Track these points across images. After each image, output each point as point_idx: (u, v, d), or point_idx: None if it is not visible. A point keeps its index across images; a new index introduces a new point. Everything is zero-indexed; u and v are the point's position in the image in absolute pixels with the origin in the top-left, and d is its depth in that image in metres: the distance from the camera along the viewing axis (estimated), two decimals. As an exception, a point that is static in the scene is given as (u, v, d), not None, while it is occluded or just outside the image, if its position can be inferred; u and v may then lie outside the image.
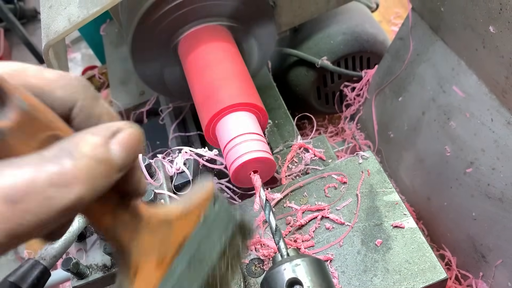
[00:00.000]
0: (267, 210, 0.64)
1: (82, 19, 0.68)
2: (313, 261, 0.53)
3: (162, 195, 0.60)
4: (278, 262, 0.55)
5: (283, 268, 0.53)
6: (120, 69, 1.26)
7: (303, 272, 0.52)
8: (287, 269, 0.52)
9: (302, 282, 0.51)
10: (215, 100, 0.73)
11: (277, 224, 0.62)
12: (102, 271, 0.56)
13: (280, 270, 0.53)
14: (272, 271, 0.53)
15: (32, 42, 2.82)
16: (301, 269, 0.52)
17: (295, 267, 0.52)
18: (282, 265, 0.53)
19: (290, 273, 0.52)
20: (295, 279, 0.52)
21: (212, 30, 0.84)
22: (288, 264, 0.53)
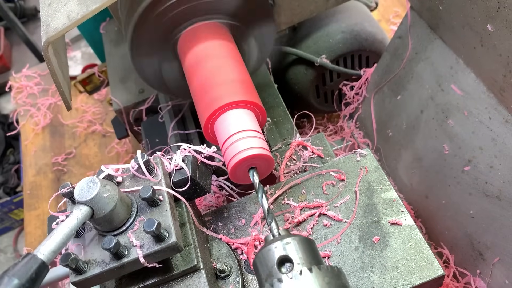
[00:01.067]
0: (259, 193, 0.66)
1: (81, 16, 0.68)
2: (303, 240, 0.55)
3: (160, 192, 0.60)
4: (269, 241, 0.56)
5: (274, 246, 0.54)
6: (120, 67, 1.26)
7: (293, 250, 0.54)
8: (278, 247, 0.54)
9: (292, 259, 0.53)
10: (213, 98, 0.74)
11: (269, 206, 0.64)
12: (100, 267, 0.56)
13: (271, 248, 0.54)
14: (263, 249, 0.55)
15: (33, 40, 2.82)
16: (292, 247, 0.54)
17: (286, 245, 0.54)
18: (273, 243, 0.55)
19: (280, 251, 0.54)
20: (285, 257, 0.53)
21: (211, 28, 0.84)
22: (279, 243, 0.54)
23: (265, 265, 0.54)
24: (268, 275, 0.53)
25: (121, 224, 0.58)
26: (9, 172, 2.61)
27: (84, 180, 0.55)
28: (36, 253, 0.48)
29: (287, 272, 0.51)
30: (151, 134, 1.13)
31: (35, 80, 1.84)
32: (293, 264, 0.53)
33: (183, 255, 0.62)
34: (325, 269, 0.51)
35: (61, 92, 0.79)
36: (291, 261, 0.53)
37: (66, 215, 0.58)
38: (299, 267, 0.52)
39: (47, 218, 0.66)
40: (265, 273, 0.54)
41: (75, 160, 1.63)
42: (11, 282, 0.45)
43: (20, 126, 1.76)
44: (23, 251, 1.48)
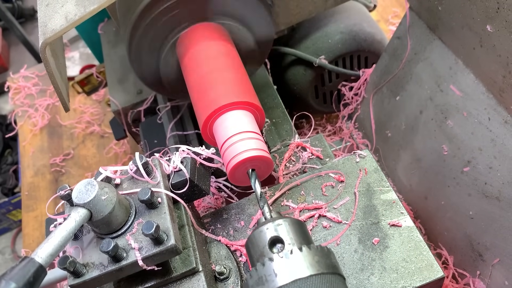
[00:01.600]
0: (252, 179, 0.67)
1: (79, 17, 0.68)
2: (294, 222, 0.57)
3: (159, 194, 0.60)
4: (261, 223, 0.58)
5: (265, 227, 0.56)
6: (118, 68, 1.26)
7: (284, 231, 0.56)
8: (270, 229, 0.56)
9: (283, 240, 0.55)
10: (212, 99, 0.73)
11: (261, 191, 0.66)
12: (98, 270, 0.56)
13: (263, 230, 0.56)
14: (255, 231, 0.57)
15: (30, 41, 2.82)
16: (283, 228, 0.56)
17: (277, 226, 0.56)
18: (265, 225, 0.56)
19: (272, 232, 0.55)
20: (277, 237, 0.55)
21: (209, 29, 0.84)
22: (271, 224, 0.56)
23: (257, 245, 0.56)
24: (260, 255, 0.55)
25: (120, 226, 0.58)
26: (7, 173, 2.60)
27: (82, 183, 0.54)
28: (33, 256, 0.48)
29: (278, 252, 0.53)
30: (149, 135, 1.13)
31: (33, 80, 1.84)
32: (284, 245, 0.54)
33: (182, 257, 0.62)
34: (315, 248, 0.53)
35: (59, 94, 0.79)
36: (282, 242, 0.55)
37: (64, 217, 0.58)
38: (290, 247, 0.53)
39: (45, 220, 0.66)
40: (257, 254, 0.55)
41: (73, 161, 1.63)
42: (9, 286, 0.45)
43: (18, 127, 1.75)
44: (21, 252, 1.48)
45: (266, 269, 0.51)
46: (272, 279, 0.50)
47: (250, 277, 0.53)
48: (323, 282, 0.50)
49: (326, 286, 0.50)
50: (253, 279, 0.52)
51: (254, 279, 0.52)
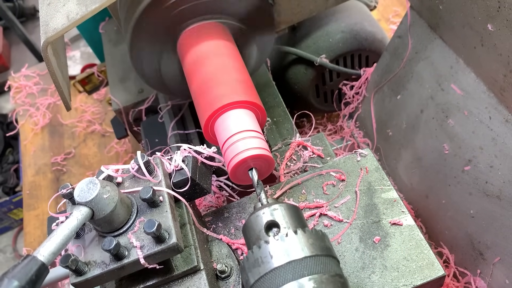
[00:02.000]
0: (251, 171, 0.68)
1: (80, 16, 0.68)
2: (290, 207, 0.59)
3: (160, 192, 0.60)
4: (258, 208, 0.60)
5: (262, 212, 0.58)
6: (119, 67, 1.26)
7: (280, 215, 0.57)
8: (266, 213, 0.58)
9: (279, 224, 0.56)
10: (213, 98, 0.73)
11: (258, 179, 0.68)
12: (100, 268, 0.56)
13: (259, 214, 0.58)
14: (252, 216, 0.58)
15: (31, 40, 2.82)
16: (279, 213, 0.58)
17: (273, 211, 0.58)
18: (261, 210, 0.58)
19: (268, 216, 0.57)
20: (273, 222, 0.57)
21: (211, 28, 0.84)
22: (267, 209, 0.58)
23: (254, 229, 0.57)
24: (256, 239, 0.56)
25: (121, 225, 0.58)
26: (8, 172, 2.60)
27: (84, 181, 0.54)
28: (36, 254, 0.48)
29: (274, 236, 0.54)
30: (150, 134, 1.13)
31: (34, 79, 1.84)
32: (279, 229, 0.56)
33: (184, 256, 0.62)
34: (310, 232, 0.54)
35: (61, 93, 0.79)
36: (278, 226, 0.56)
37: (66, 216, 0.58)
38: (285, 230, 0.55)
39: (46, 218, 0.66)
40: (253, 237, 0.57)
41: (75, 160, 1.63)
42: (11, 284, 0.45)
43: (19, 126, 1.75)
44: (23, 251, 1.48)
45: (262, 251, 0.53)
46: (268, 261, 0.52)
47: (246, 259, 0.55)
48: (317, 264, 0.51)
49: (320, 267, 0.51)
50: (249, 261, 0.54)
51: (251, 261, 0.54)
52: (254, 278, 0.53)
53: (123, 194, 0.59)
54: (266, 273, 0.52)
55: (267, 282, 0.51)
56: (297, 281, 0.50)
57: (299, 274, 0.50)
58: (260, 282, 0.52)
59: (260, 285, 0.52)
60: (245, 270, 0.54)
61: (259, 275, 0.52)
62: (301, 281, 0.50)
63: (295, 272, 0.51)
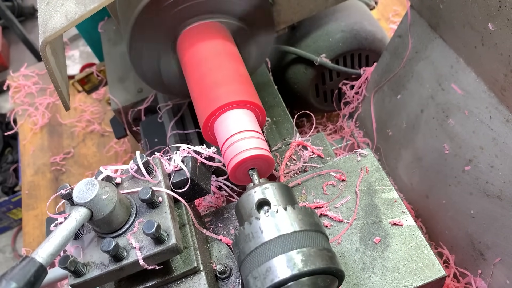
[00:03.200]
0: None
1: (79, 16, 0.68)
2: (281, 185, 0.61)
3: (160, 193, 0.60)
4: (250, 187, 0.62)
5: (253, 191, 0.60)
6: (118, 67, 1.26)
7: (271, 193, 0.60)
8: (257, 192, 0.60)
9: (270, 202, 0.59)
10: (213, 98, 0.73)
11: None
12: (99, 269, 0.56)
13: (251, 193, 0.60)
14: (244, 195, 0.60)
15: (30, 39, 2.81)
16: (270, 191, 0.60)
17: (264, 190, 0.60)
18: (253, 189, 0.60)
19: (259, 195, 0.59)
20: (264, 200, 0.59)
21: (210, 27, 0.83)
22: (258, 188, 0.60)
23: (245, 208, 0.60)
24: (248, 216, 0.58)
25: (120, 226, 0.57)
26: (7, 171, 2.60)
27: (82, 182, 0.54)
28: (34, 256, 0.48)
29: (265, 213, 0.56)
30: (150, 134, 1.13)
31: (33, 79, 1.83)
32: (270, 206, 0.58)
33: (183, 256, 0.62)
34: (299, 208, 0.56)
35: (59, 92, 0.79)
36: (269, 204, 0.59)
37: (64, 217, 0.57)
38: (276, 207, 0.57)
39: (45, 218, 0.65)
40: (245, 215, 0.59)
41: (74, 160, 1.63)
42: (9, 285, 0.45)
43: (18, 126, 1.75)
44: (22, 251, 1.48)
45: (253, 226, 0.55)
46: (259, 236, 0.54)
47: (238, 235, 0.56)
48: (305, 238, 0.53)
49: (309, 241, 0.53)
50: (241, 237, 0.56)
51: (242, 236, 0.56)
52: (245, 253, 0.55)
53: (122, 194, 0.59)
54: (256, 247, 0.54)
55: (257, 256, 0.53)
56: (286, 254, 0.52)
57: (288, 248, 0.52)
58: (251, 256, 0.54)
59: (251, 258, 0.54)
60: (237, 245, 0.56)
61: (250, 250, 0.54)
62: (290, 254, 0.52)
63: (284, 245, 0.53)
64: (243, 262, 0.55)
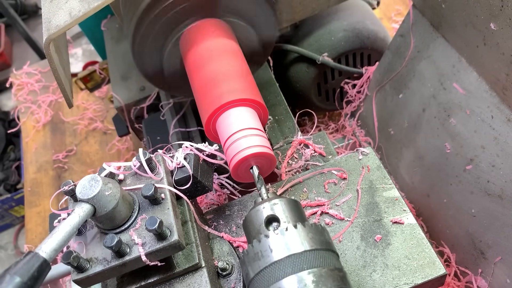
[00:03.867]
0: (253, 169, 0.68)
1: (83, 13, 0.68)
2: (290, 201, 0.59)
3: (162, 190, 0.60)
4: (258, 202, 0.60)
5: (262, 207, 0.58)
6: (121, 65, 1.26)
7: (280, 210, 0.58)
8: (266, 208, 0.58)
9: (279, 218, 0.57)
10: (215, 96, 0.73)
11: (259, 173, 0.67)
12: (102, 265, 0.56)
13: (259, 209, 0.58)
14: (252, 210, 0.59)
15: (33, 37, 2.82)
16: (279, 207, 0.58)
17: (273, 205, 0.58)
18: (261, 204, 0.58)
19: (268, 211, 0.57)
20: (273, 216, 0.57)
21: (213, 25, 0.84)
22: (267, 204, 0.58)
23: (254, 224, 0.58)
24: (256, 233, 0.57)
25: (123, 222, 0.58)
26: (9, 169, 2.60)
27: (86, 178, 0.54)
28: (38, 251, 0.48)
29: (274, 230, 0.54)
30: (152, 132, 1.13)
31: (36, 77, 1.84)
32: (279, 223, 0.56)
33: (185, 253, 0.62)
34: (309, 226, 0.54)
35: (63, 89, 0.79)
36: (278, 220, 0.57)
37: (67, 213, 0.58)
38: (285, 224, 0.55)
39: (48, 215, 0.66)
40: (253, 232, 0.57)
41: (76, 158, 1.63)
42: (13, 280, 0.45)
43: (21, 123, 1.76)
44: (24, 248, 1.48)
45: (262, 245, 0.53)
46: (268, 255, 0.52)
47: (246, 253, 0.55)
48: (316, 258, 0.52)
49: (320, 261, 0.52)
50: (249, 255, 0.54)
51: (251, 255, 0.54)
52: (254, 272, 0.53)
53: (125, 191, 0.59)
54: (265, 267, 0.52)
55: (266, 276, 0.52)
56: (297, 274, 0.50)
57: (299, 268, 0.51)
58: (260, 276, 0.52)
59: (260, 278, 0.52)
60: (245, 263, 0.55)
61: (259, 269, 0.53)
62: (300, 275, 0.50)
63: (294, 265, 0.51)
64: (251, 282, 0.54)
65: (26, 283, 0.45)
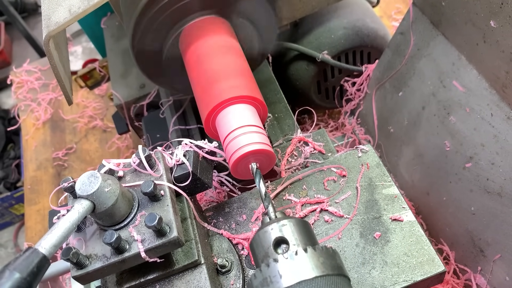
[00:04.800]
0: (257, 178, 0.66)
1: (83, 10, 0.68)
2: (299, 222, 0.56)
3: (162, 186, 0.60)
4: (266, 223, 0.57)
5: (270, 228, 0.55)
6: (121, 62, 1.26)
7: (289, 231, 0.55)
8: (274, 229, 0.55)
9: (288, 240, 0.54)
10: (215, 93, 0.73)
11: (266, 190, 0.64)
12: (101, 261, 0.56)
13: (267, 230, 0.55)
14: (260, 231, 0.56)
15: (33, 35, 2.82)
16: (288, 229, 0.55)
17: (282, 227, 0.55)
18: (269, 225, 0.56)
19: (277, 233, 0.55)
20: (281, 238, 0.54)
21: (213, 23, 0.84)
22: (275, 224, 0.55)
23: (262, 246, 0.55)
24: (264, 256, 0.54)
25: (122, 218, 0.58)
26: (9, 167, 2.61)
27: (85, 175, 0.54)
28: (37, 247, 0.48)
29: (283, 253, 0.52)
30: (152, 129, 1.13)
31: (35, 75, 1.84)
32: (289, 245, 0.54)
33: (184, 250, 0.62)
34: (320, 249, 0.52)
35: (62, 86, 0.79)
36: (287, 242, 0.54)
37: (67, 209, 0.58)
38: (295, 248, 0.53)
39: (48, 212, 0.66)
40: (261, 254, 0.55)
41: (76, 155, 1.63)
42: (12, 275, 0.45)
43: (21, 121, 1.76)
44: (24, 246, 1.49)
45: (271, 270, 0.51)
46: (277, 281, 0.50)
47: (254, 277, 0.53)
48: (328, 284, 0.50)
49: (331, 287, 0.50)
50: (258, 280, 0.52)
51: (259, 280, 0.52)
52: None
53: (125, 188, 0.59)
54: None
55: None
56: None
57: None
58: None
59: None
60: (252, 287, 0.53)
61: None
62: None
63: None
64: None
65: (25, 279, 0.45)
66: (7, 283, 0.44)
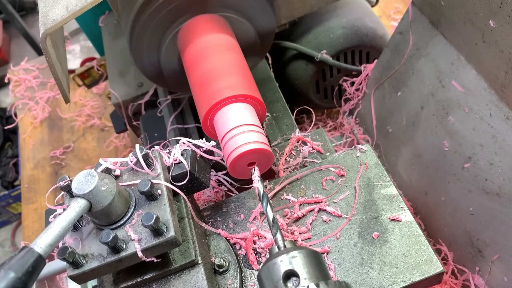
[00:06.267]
0: (264, 203, 0.63)
1: (80, 8, 0.68)
2: (310, 253, 0.53)
3: (159, 186, 0.60)
4: (275, 254, 0.54)
5: (279, 260, 0.52)
6: (119, 61, 1.25)
7: (299, 264, 0.51)
8: (284, 261, 0.52)
9: (298, 273, 0.51)
10: (213, 92, 0.73)
11: (274, 216, 0.61)
12: (98, 261, 0.56)
13: (276, 262, 0.52)
14: (268, 263, 0.53)
15: (31, 34, 2.81)
16: (298, 261, 0.51)
17: (292, 259, 0.52)
18: (278, 256, 0.52)
19: (286, 265, 0.51)
20: (291, 271, 0.51)
21: (211, 21, 0.83)
22: (285, 256, 0.52)
23: (271, 279, 0.52)
24: None
25: (119, 218, 0.57)
26: (7, 165, 2.60)
27: (82, 173, 0.54)
28: (33, 246, 0.48)
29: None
30: (149, 128, 1.13)
31: (33, 73, 1.83)
32: (299, 279, 0.50)
33: (182, 249, 0.62)
34: (333, 285, 0.49)
35: (59, 85, 0.79)
36: (297, 275, 0.51)
37: (63, 208, 0.57)
38: (306, 282, 0.50)
39: (44, 211, 0.65)
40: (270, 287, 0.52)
41: (73, 154, 1.63)
42: (7, 275, 0.45)
43: (18, 120, 1.75)
44: (21, 245, 1.48)
45: None
46: None
47: None
48: None
49: None
50: None
51: None
52: None
53: (121, 187, 0.59)
54: None
55: None
56: None
57: None
58: None
59: None
60: None
61: None
62: None
63: None
64: None
65: (20, 278, 0.45)
66: (2, 282, 0.44)
